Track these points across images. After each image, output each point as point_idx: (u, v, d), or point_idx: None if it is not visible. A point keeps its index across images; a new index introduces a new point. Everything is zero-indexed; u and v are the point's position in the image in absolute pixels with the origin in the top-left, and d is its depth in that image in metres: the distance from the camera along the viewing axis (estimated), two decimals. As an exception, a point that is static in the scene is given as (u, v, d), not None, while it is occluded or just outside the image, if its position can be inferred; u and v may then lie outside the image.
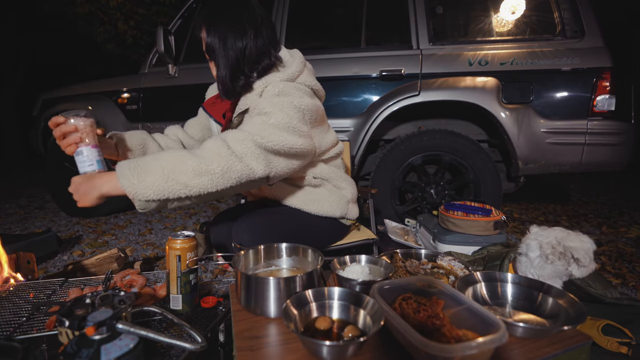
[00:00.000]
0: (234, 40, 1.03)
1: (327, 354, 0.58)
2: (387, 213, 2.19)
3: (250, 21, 1.04)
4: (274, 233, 1.09)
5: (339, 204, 1.21)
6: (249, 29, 1.04)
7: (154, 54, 2.58)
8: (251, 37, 1.04)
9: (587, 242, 0.91)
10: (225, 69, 1.05)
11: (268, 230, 1.09)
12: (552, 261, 0.91)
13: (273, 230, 1.11)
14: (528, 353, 0.61)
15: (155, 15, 6.14)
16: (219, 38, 1.03)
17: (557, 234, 0.93)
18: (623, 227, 2.57)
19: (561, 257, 0.91)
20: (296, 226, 1.16)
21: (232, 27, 1.03)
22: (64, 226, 2.68)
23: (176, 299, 0.91)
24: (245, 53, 1.04)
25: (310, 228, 1.19)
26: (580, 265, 0.89)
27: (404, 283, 0.72)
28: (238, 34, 1.03)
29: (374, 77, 2.17)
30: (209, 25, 1.04)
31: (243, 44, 1.04)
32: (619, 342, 0.97)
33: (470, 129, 2.33)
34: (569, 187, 4.33)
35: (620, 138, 1.95)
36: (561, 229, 0.95)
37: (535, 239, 0.95)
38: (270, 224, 1.12)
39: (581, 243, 0.90)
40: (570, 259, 0.90)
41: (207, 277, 1.77)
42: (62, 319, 0.58)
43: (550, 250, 0.92)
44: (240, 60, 1.04)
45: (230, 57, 1.04)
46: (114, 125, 2.62)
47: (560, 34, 2.02)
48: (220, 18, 1.04)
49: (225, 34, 1.03)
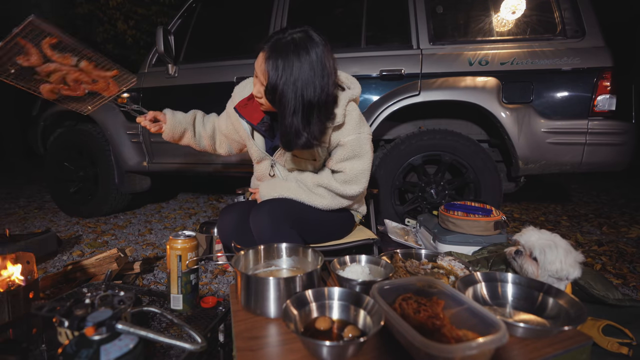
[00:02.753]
0: (314, 87, 0.97)
1: (327, 355, 0.58)
2: (387, 213, 2.19)
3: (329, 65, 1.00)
4: (290, 218, 1.12)
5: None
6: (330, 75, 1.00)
7: (154, 54, 2.58)
8: (330, 84, 1.00)
9: (543, 239, 0.92)
10: (293, 116, 0.99)
11: (287, 215, 1.11)
12: (510, 262, 0.97)
13: (291, 214, 1.13)
14: (528, 353, 0.61)
15: (155, 15, 6.14)
16: (293, 75, 0.96)
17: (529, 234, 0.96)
18: (624, 227, 2.57)
19: (516, 256, 0.95)
20: (312, 214, 1.19)
21: (312, 71, 0.97)
22: (64, 226, 2.67)
23: (177, 299, 0.91)
24: (323, 96, 1.00)
25: (324, 217, 1.22)
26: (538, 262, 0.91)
27: (404, 283, 0.71)
28: (319, 80, 0.98)
29: (374, 77, 2.17)
30: (280, 55, 0.96)
31: (324, 85, 0.99)
32: (620, 342, 0.97)
33: (471, 129, 2.33)
34: (570, 187, 4.33)
35: (621, 138, 1.94)
36: (534, 229, 0.97)
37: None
38: (287, 209, 1.14)
39: (537, 238, 0.93)
40: (525, 257, 0.94)
41: (207, 277, 1.77)
42: (61, 319, 0.58)
43: (508, 251, 0.98)
44: (314, 106, 1.00)
45: (305, 102, 0.98)
46: (114, 125, 2.62)
47: (560, 34, 2.02)
48: (299, 56, 0.96)
49: (305, 78, 0.97)
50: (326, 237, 1.28)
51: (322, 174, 1.20)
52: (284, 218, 1.09)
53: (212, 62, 2.44)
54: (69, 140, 2.84)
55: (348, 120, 1.12)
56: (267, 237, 1.06)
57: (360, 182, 1.17)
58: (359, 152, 1.14)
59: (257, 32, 2.49)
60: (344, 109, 1.10)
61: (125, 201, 2.90)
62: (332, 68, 1.02)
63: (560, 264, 0.87)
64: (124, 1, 5.78)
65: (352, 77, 1.21)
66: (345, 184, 1.16)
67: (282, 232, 1.07)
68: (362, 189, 1.19)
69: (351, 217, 1.33)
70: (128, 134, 2.61)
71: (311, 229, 1.19)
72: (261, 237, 1.08)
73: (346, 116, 1.12)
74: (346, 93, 1.12)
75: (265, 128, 1.21)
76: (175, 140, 1.38)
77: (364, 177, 1.17)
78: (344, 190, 1.16)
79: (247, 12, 2.62)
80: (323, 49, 0.99)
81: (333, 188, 1.16)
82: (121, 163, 2.66)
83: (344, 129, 1.13)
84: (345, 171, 1.15)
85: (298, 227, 1.13)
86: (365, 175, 1.17)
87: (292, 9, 2.33)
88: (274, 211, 1.10)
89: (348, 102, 1.12)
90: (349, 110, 1.12)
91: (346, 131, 1.13)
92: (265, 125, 1.20)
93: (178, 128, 1.33)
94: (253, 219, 1.11)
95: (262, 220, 1.09)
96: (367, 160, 1.16)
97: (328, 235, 1.28)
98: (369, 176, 1.18)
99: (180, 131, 1.35)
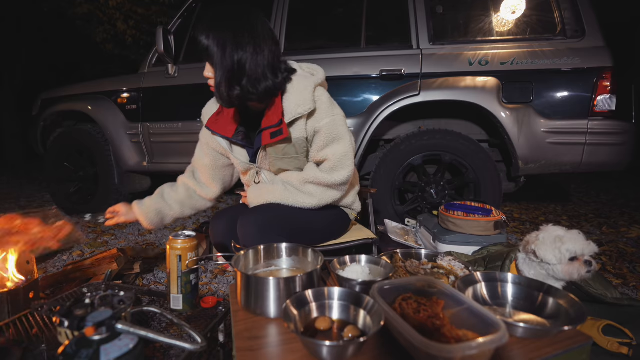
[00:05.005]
0: (232, 50, 1.02)
1: (327, 355, 0.58)
2: (387, 213, 2.19)
3: (253, 35, 1.04)
4: (279, 224, 1.11)
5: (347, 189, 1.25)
6: (248, 42, 1.03)
7: (154, 54, 2.58)
8: (250, 51, 1.03)
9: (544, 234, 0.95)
10: (221, 76, 1.05)
11: (274, 222, 1.10)
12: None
13: (278, 220, 1.12)
14: (528, 353, 0.61)
15: (154, 15, 6.13)
16: (218, 44, 1.02)
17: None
18: (624, 227, 2.57)
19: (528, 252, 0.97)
20: (302, 216, 1.17)
21: (234, 37, 1.02)
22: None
23: (177, 299, 0.91)
24: (243, 66, 1.04)
25: (316, 217, 1.20)
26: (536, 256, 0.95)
27: (404, 283, 0.71)
28: (238, 45, 1.02)
29: (374, 76, 2.17)
30: (211, 29, 1.03)
31: (240, 56, 1.03)
32: (620, 342, 0.97)
33: (471, 129, 2.33)
34: (570, 187, 4.33)
35: (621, 138, 1.94)
36: (557, 228, 0.97)
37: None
38: (275, 215, 1.13)
39: (536, 235, 0.96)
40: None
41: (207, 277, 1.77)
42: (61, 319, 0.58)
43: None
44: (235, 70, 1.04)
45: (227, 66, 1.03)
46: (114, 125, 2.62)
47: (560, 34, 2.02)
48: (224, 24, 1.03)
49: (225, 42, 1.02)
50: (321, 239, 1.26)
51: (307, 170, 1.18)
52: (270, 226, 1.08)
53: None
54: (69, 140, 2.84)
55: (319, 105, 1.13)
56: (254, 245, 1.05)
57: (346, 166, 1.15)
58: (336, 135, 1.14)
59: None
60: (311, 94, 1.11)
61: (125, 201, 2.90)
62: (256, 42, 1.05)
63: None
64: (123, 1, 5.77)
65: (314, 65, 1.22)
66: (332, 172, 1.15)
67: (268, 240, 1.05)
68: (350, 173, 1.16)
69: (345, 215, 1.31)
70: (128, 134, 2.61)
71: (303, 231, 1.17)
72: (248, 245, 1.07)
73: (316, 102, 1.12)
74: (311, 79, 1.13)
75: (242, 137, 1.19)
76: (164, 225, 1.35)
77: (349, 160, 1.15)
78: (332, 178, 1.14)
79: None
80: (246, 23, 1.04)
81: (321, 179, 1.14)
82: (121, 163, 2.66)
83: (317, 115, 1.13)
84: (329, 158, 1.14)
85: (288, 231, 1.11)
86: (349, 158, 1.15)
87: (292, 8, 2.33)
88: (259, 219, 1.09)
89: (315, 88, 1.13)
90: (317, 95, 1.13)
91: (319, 116, 1.13)
92: (241, 134, 1.19)
93: (150, 214, 1.29)
94: (240, 229, 1.11)
95: (249, 229, 1.08)
96: (347, 142, 1.15)
97: (323, 237, 1.26)
98: (353, 158, 1.17)
99: (156, 215, 1.30)
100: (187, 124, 2.45)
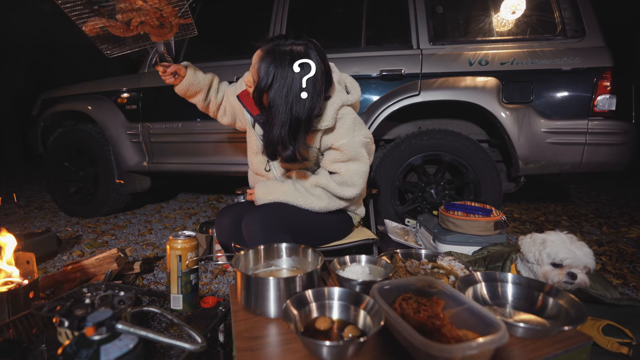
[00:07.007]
0: (303, 104, 0.98)
1: (327, 354, 0.58)
2: (387, 213, 2.19)
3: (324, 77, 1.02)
4: (284, 224, 1.11)
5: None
6: (322, 88, 1.01)
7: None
8: (322, 96, 1.01)
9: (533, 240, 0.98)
10: (281, 128, 1.00)
11: (280, 221, 1.11)
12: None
13: (284, 220, 1.12)
14: (528, 353, 0.61)
15: (155, 15, 6.13)
16: (286, 87, 0.97)
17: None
18: (624, 227, 2.57)
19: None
20: (308, 218, 1.18)
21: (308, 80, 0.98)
22: (64, 226, 2.67)
23: (177, 299, 0.91)
24: (312, 114, 1.01)
25: (321, 219, 1.21)
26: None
27: (404, 283, 0.71)
28: (311, 92, 0.98)
29: (374, 76, 2.17)
30: (274, 62, 0.98)
31: (313, 104, 0.99)
32: (620, 342, 0.97)
33: (471, 129, 2.33)
34: (570, 187, 4.33)
35: (621, 138, 1.94)
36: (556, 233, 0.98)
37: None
38: (281, 214, 1.13)
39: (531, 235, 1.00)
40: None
41: (207, 277, 1.77)
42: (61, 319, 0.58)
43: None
44: (302, 123, 1.00)
45: (293, 117, 0.99)
46: (114, 125, 2.62)
47: (560, 34, 2.02)
48: (293, 70, 0.98)
49: (296, 92, 0.98)
50: (324, 240, 1.27)
51: (320, 174, 1.19)
52: (275, 224, 1.09)
53: (213, 62, 2.44)
54: (69, 140, 2.84)
55: (340, 124, 1.11)
56: (258, 243, 1.05)
57: (356, 185, 1.16)
58: (352, 156, 1.13)
59: (258, 32, 2.49)
60: (335, 112, 1.08)
61: (125, 201, 2.91)
62: (322, 86, 1.02)
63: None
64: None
65: (355, 83, 1.20)
66: (341, 186, 1.16)
67: (273, 239, 1.05)
68: (359, 192, 1.18)
69: (349, 219, 1.32)
70: (128, 134, 2.61)
71: (307, 233, 1.18)
72: (252, 243, 1.08)
73: (338, 120, 1.10)
74: (340, 97, 1.10)
75: (264, 120, 1.17)
76: (186, 97, 1.38)
77: (360, 179, 1.16)
78: (340, 191, 1.16)
79: (248, 12, 2.62)
80: (318, 68, 1.00)
81: (331, 189, 1.16)
82: (121, 163, 2.66)
83: (335, 133, 1.12)
84: (340, 172, 1.15)
85: (292, 232, 1.12)
86: (361, 177, 1.16)
87: (292, 8, 2.32)
88: (265, 217, 1.09)
89: (341, 106, 1.09)
90: (342, 114, 1.10)
91: (338, 135, 1.11)
92: (264, 117, 1.17)
93: (193, 87, 1.33)
94: (245, 225, 1.11)
95: (254, 226, 1.08)
96: (362, 164, 1.15)
97: (326, 239, 1.27)
98: (365, 178, 1.17)
99: (194, 91, 1.35)
100: (187, 124, 2.44)
